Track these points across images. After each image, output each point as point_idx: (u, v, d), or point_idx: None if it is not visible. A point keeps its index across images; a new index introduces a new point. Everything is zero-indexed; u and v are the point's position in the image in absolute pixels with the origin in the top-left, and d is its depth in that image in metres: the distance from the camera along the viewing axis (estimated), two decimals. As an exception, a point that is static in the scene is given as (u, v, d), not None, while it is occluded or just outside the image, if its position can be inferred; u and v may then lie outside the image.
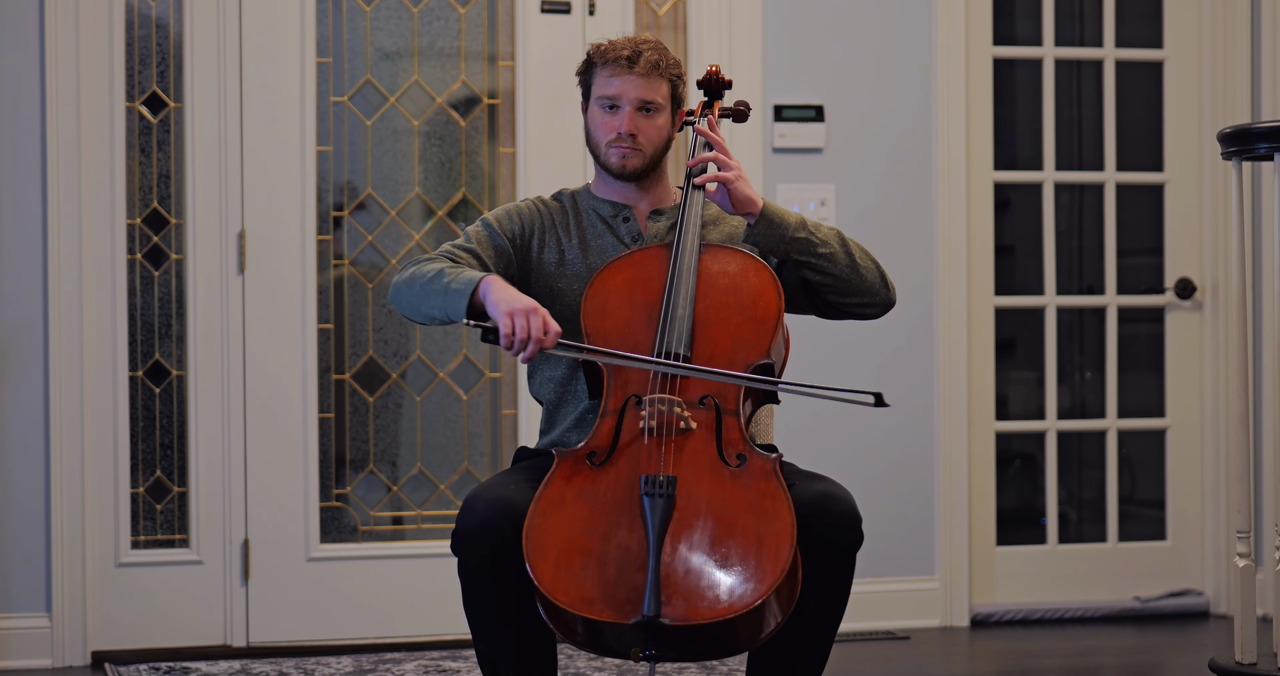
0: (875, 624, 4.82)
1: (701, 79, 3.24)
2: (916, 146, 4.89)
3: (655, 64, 3.07)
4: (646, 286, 2.99)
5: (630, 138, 3.07)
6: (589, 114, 3.13)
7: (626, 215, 3.15)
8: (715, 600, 2.69)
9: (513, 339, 2.81)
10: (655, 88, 3.07)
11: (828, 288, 3.06)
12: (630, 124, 3.06)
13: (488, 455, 4.71)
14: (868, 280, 3.07)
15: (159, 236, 4.50)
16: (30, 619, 4.37)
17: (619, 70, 3.06)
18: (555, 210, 3.17)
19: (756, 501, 2.77)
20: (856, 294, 3.08)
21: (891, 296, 3.11)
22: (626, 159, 3.09)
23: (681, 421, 2.85)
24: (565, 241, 3.13)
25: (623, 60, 3.06)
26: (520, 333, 2.81)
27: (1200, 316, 5.12)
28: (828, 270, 3.04)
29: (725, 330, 2.95)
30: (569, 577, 2.72)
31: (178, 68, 4.50)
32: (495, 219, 3.13)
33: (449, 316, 2.91)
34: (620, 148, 3.08)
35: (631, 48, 3.07)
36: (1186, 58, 5.11)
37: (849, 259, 3.05)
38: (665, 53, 3.10)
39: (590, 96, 3.12)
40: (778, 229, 3.02)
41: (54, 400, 4.36)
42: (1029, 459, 5.20)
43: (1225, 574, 5.04)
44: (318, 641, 4.54)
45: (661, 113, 3.09)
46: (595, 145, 3.12)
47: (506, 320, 2.81)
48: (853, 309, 3.10)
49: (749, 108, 3.25)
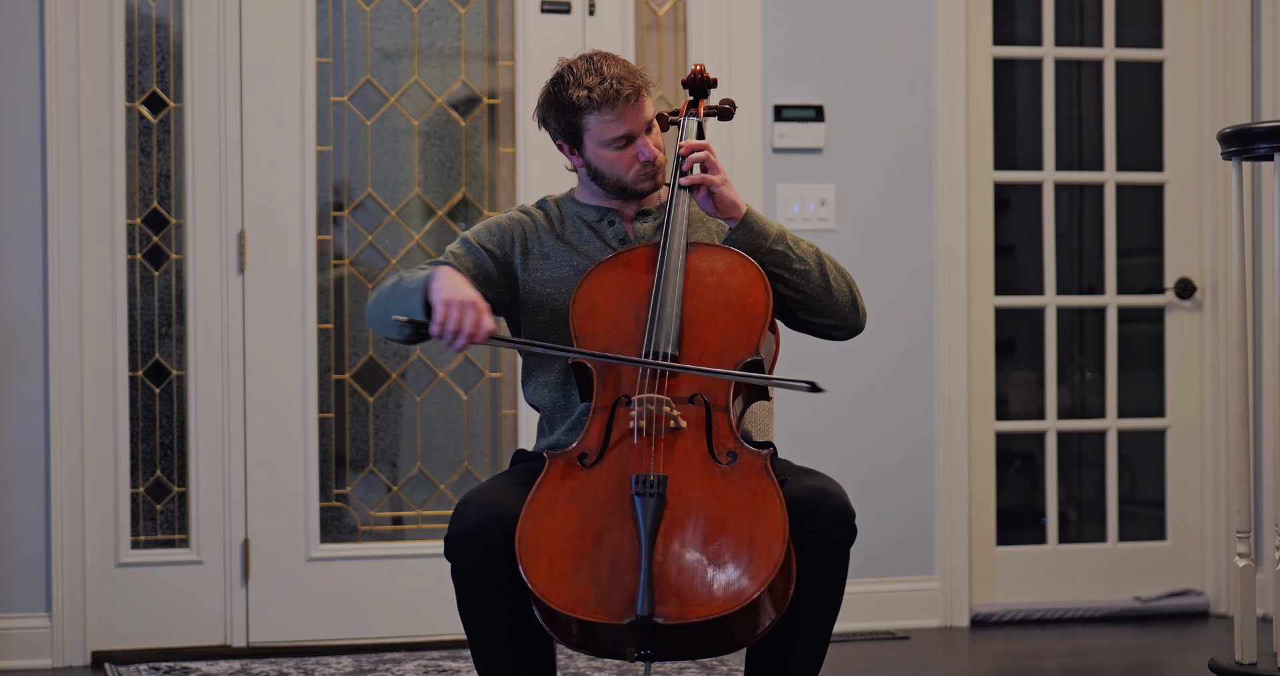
0: (875, 624, 4.82)
1: (686, 78, 3.24)
2: (916, 146, 4.89)
3: (641, 87, 3.03)
4: (634, 286, 2.99)
5: (654, 161, 3.06)
6: (593, 155, 3.06)
7: (612, 218, 3.14)
8: (709, 598, 2.68)
9: (444, 329, 2.80)
10: (649, 104, 3.06)
11: (798, 304, 3.06)
12: (652, 151, 3.05)
13: (487, 455, 4.72)
14: (838, 302, 3.07)
15: (159, 236, 4.51)
16: (30, 619, 4.38)
17: (621, 111, 3.01)
18: (538, 218, 3.16)
19: (748, 498, 2.77)
20: (824, 315, 3.07)
21: (860, 322, 3.10)
22: (656, 177, 3.10)
23: (671, 420, 2.85)
24: (550, 247, 3.12)
25: (622, 99, 3.00)
26: (452, 324, 2.80)
27: (1200, 316, 5.12)
28: (799, 286, 3.04)
29: (714, 328, 2.95)
30: (562, 580, 2.71)
31: (178, 68, 4.50)
32: (474, 235, 3.12)
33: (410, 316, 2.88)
34: (648, 173, 3.08)
35: (618, 82, 3.01)
36: (1186, 58, 5.11)
37: (823, 280, 3.05)
38: (631, 67, 3.05)
39: (584, 140, 3.05)
40: (757, 237, 3.02)
41: (54, 400, 4.36)
42: (1029, 459, 5.20)
43: (1225, 574, 5.04)
44: (318, 641, 4.54)
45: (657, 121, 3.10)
46: (616, 180, 3.08)
47: (443, 308, 2.81)
48: (820, 328, 3.09)
49: (734, 106, 3.24)
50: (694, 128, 3.17)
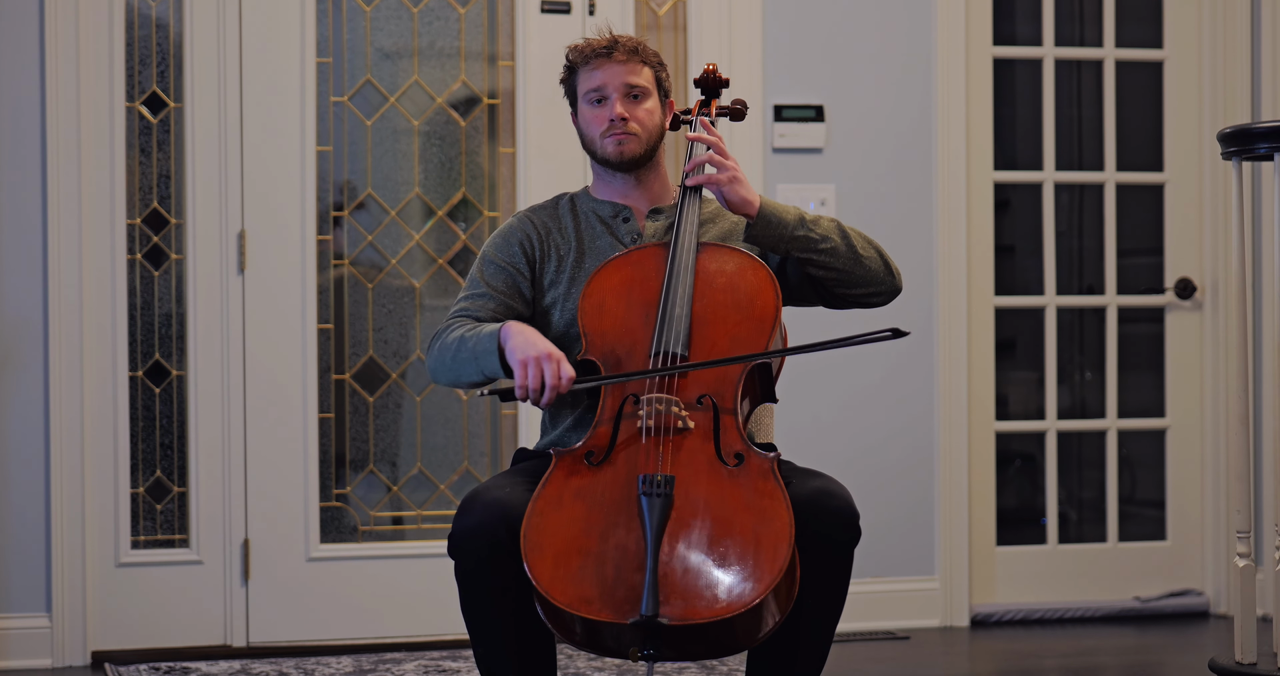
0: (875, 624, 4.82)
1: (698, 77, 3.24)
2: (916, 146, 4.89)
3: (634, 49, 3.09)
4: (644, 285, 2.99)
5: (622, 122, 3.07)
6: (579, 116, 3.13)
7: (626, 215, 3.14)
8: (713, 599, 2.68)
9: (526, 389, 2.84)
10: (637, 71, 3.08)
11: (833, 281, 3.06)
12: (620, 108, 3.07)
13: (488, 455, 4.71)
14: (871, 269, 3.06)
15: (159, 236, 4.51)
16: (30, 619, 4.37)
17: (600, 62, 3.08)
18: (550, 218, 3.17)
19: (754, 500, 2.77)
20: (862, 284, 3.07)
21: (897, 283, 3.09)
22: (623, 145, 3.08)
23: (679, 421, 2.85)
24: (562, 248, 3.13)
25: (601, 50, 3.08)
26: (534, 381, 2.84)
27: (1200, 316, 5.12)
28: (830, 264, 3.04)
29: (723, 329, 2.95)
30: (567, 577, 2.71)
31: (178, 68, 4.50)
32: (494, 254, 3.13)
33: (488, 376, 2.95)
34: (615, 135, 3.08)
35: (607, 39, 3.10)
36: (1186, 58, 5.11)
37: (850, 250, 3.05)
38: (642, 42, 3.13)
39: (577, 98, 3.13)
40: (776, 228, 3.02)
41: (54, 400, 4.36)
42: (1029, 459, 5.20)
43: (1225, 574, 5.04)
44: (318, 641, 4.54)
45: (649, 97, 3.10)
46: (590, 141, 3.12)
47: (520, 370, 2.85)
48: (860, 299, 3.09)
49: (746, 106, 3.24)
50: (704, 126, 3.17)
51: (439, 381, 3.05)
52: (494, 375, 2.93)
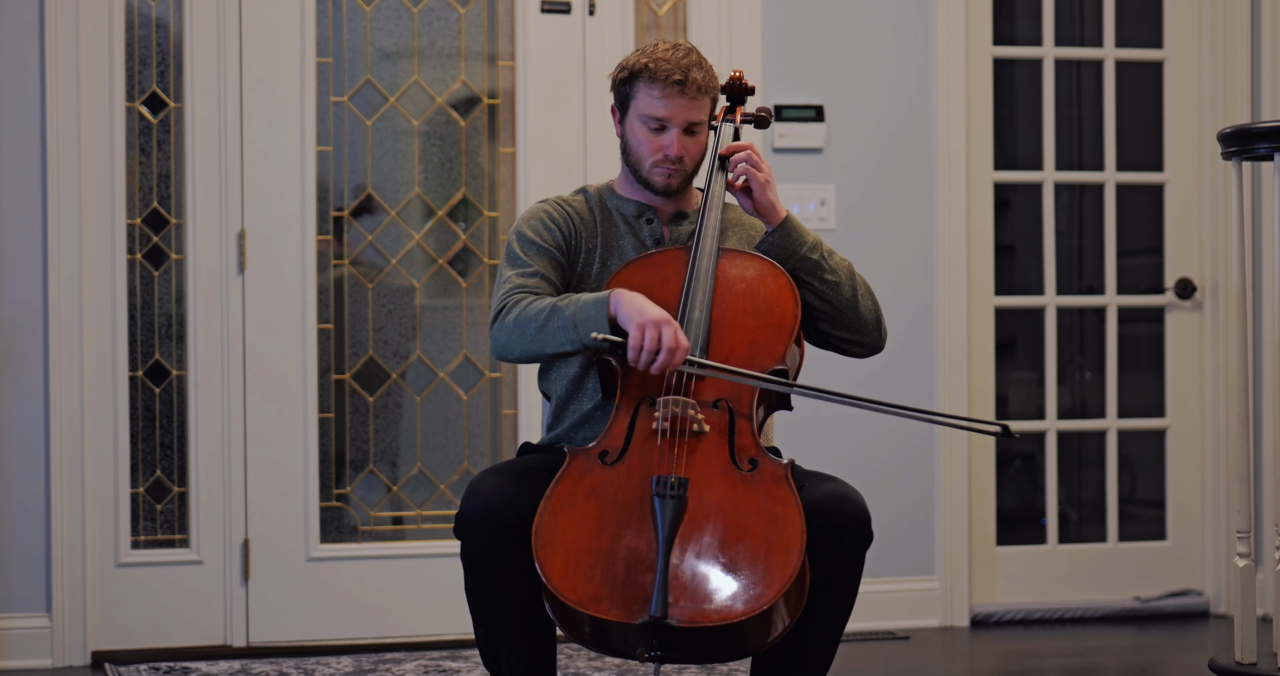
0: (875, 624, 4.82)
1: (725, 84, 3.24)
2: (916, 146, 4.89)
3: (702, 87, 3.05)
4: (664, 288, 2.99)
5: (678, 160, 3.07)
6: (629, 126, 3.10)
7: (650, 216, 3.15)
8: (723, 603, 2.69)
9: (640, 351, 2.81)
10: (702, 108, 3.07)
11: (822, 314, 3.07)
12: (679, 148, 3.06)
13: (488, 455, 4.71)
14: (864, 319, 3.09)
15: (159, 236, 4.50)
16: (30, 619, 4.37)
17: (669, 93, 3.04)
18: (581, 210, 3.16)
19: (767, 506, 2.78)
20: (848, 329, 3.09)
21: (881, 341, 3.12)
22: (671, 178, 3.09)
23: (695, 423, 2.85)
24: (590, 242, 3.13)
25: (673, 83, 3.03)
26: (650, 343, 2.81)
27: (1200, 316, 5.13)
28: (828, 297, 3.05)
29: (741, 334, 2.96)
30: (577, 575, 2.72)
31: (178, 68, 4.50)
32: (533, 235, 3.08)
33: (584, 345, 2.87)
34: (666, 168, 3.08)
35: (681, 69, 3.03)
36: (1186, 58, 5.12)
37: (852, 294, 3.07)
38: (709, 71, 3.08)
39: (629, 108, 3.09)
40: (793, 243, 3.04)
41: (54, 400, 4.36)
42: (1029, 459, 5.20)
43: (1225, 574, 5.05)
44: (318, 641, 4.54)
45: (704, 130, 3.10)
46: (637, 161, 3.10)
47: (638, 332, 2.82)
48: (841, 342, 3.11)
49: (771, 114, 3.26)
50: (730, 133, 3.18)
51: (509, 354, 2.95)
52: (591, 344, 2.86)
